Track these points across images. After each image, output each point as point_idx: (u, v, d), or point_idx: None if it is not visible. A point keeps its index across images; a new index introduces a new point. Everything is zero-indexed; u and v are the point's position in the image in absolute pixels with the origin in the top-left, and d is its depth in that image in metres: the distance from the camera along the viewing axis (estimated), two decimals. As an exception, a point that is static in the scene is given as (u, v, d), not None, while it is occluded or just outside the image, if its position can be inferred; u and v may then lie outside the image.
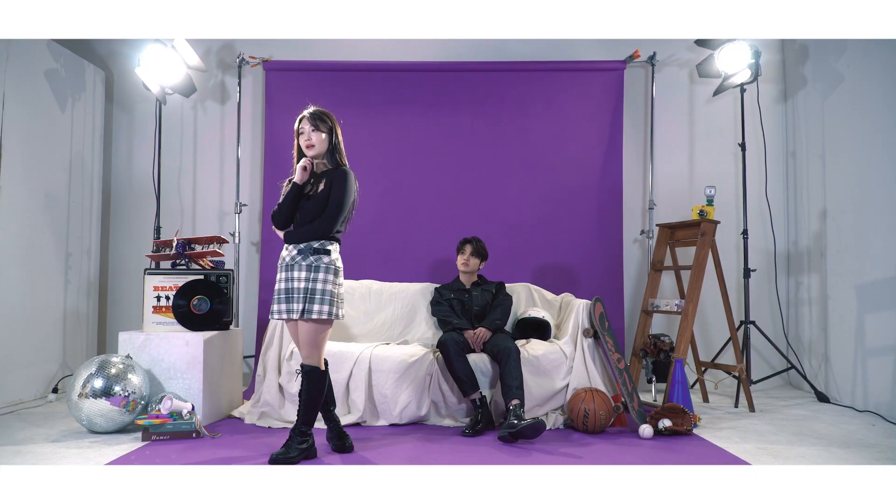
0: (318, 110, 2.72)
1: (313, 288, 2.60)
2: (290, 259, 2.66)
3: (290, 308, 2.62)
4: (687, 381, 3.46)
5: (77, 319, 4.33)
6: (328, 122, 2.72)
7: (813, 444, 3.00)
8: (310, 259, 2.63)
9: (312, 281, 2.61)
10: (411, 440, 3.05)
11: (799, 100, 4.56)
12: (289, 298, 2.63)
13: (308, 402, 2.67)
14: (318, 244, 2.65)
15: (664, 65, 4.73)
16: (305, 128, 2.70)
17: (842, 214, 4.06)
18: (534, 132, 4.60)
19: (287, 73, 4.61)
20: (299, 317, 2.60)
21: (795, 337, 4.57)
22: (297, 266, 2.64)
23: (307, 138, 2.69)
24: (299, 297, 2.61)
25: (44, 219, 4.03)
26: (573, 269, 4.51)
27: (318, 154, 2.71)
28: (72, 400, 3.06)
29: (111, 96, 4.78)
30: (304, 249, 2.65)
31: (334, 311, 2.64)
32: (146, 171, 4.63)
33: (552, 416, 3.36)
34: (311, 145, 2.68)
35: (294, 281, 2.63)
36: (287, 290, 2.64)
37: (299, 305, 2.60)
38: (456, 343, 3.33)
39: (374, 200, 4.57)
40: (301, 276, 2.62)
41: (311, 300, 2.59)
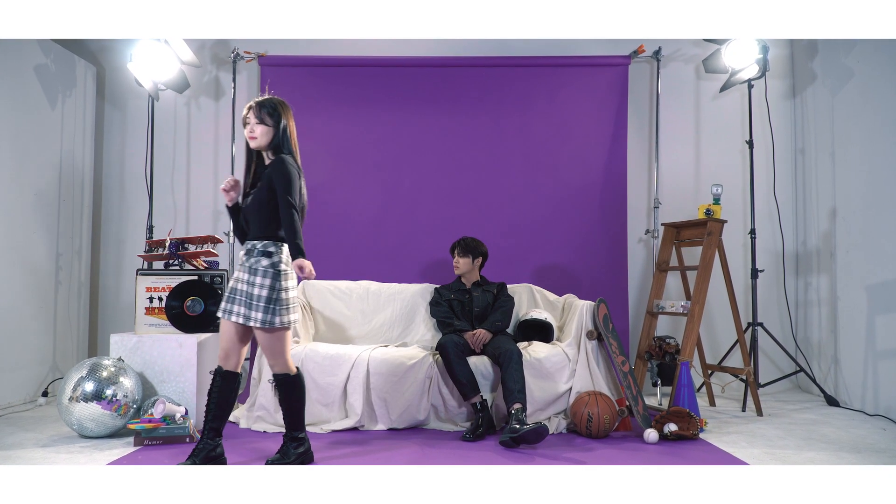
0: (267, 100, 2.61)
1: (250, 292, 2.50)
2: (241, 258, 2.59)
3: (228, 308, 2.54)
4: (693, 385, 3.46)
5: (67, 321, 4.33)
6: (277, 114, 2.59)
7: (822, 449, 3.00)
8: (251, 260, 2.54)
9: (250, 284, 2.51)
10: (410, 445, 3.04)
11: (808, 96, 4.56)
12: (230, 298, 2.55)
13: (290, 409, 2.65)
14: (261, 245, 2.55)
15: (669, 60, 4.73)
16: (251, 118, 2.59)
17: (852, 213, 4.06)
18: (536, 129, 4.60)
19: (283, 68, 4.61)
20: (240, 321, 2.52)
21: (804, 339, 4.57)
22: (242, 266, 2.57)
23: (251, 130, 2.58)
24: (241, 299, 2.52)
25: (33, 218, 4.03)
26: (576, 269, 4.51)
27: (261, 147, 2.60)
28: (62, 404, 3.06)
29: (102, 92, 4.78)
30: (251, 250, 2.56)
31: (273, 320, 2.49)
32: (138, 169, 4.62)
33: (555, 421, 3.36)
34: (253, 137, 2.58)
35: (238, 282, 2.55)
36: (231, 290, 2.57)
37: (240, 309, 2.52)
38: (456, 345, 3.33)
39: (373, 199, 4.57)
40: (244, 277, 2.54)
41: (250, 306, 2.50)
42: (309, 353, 3.41)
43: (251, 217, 2.59)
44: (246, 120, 2.60)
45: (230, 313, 2.54)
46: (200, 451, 2.57)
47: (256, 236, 2.57)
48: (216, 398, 2.60)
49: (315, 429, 3.31)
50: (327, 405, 3.36)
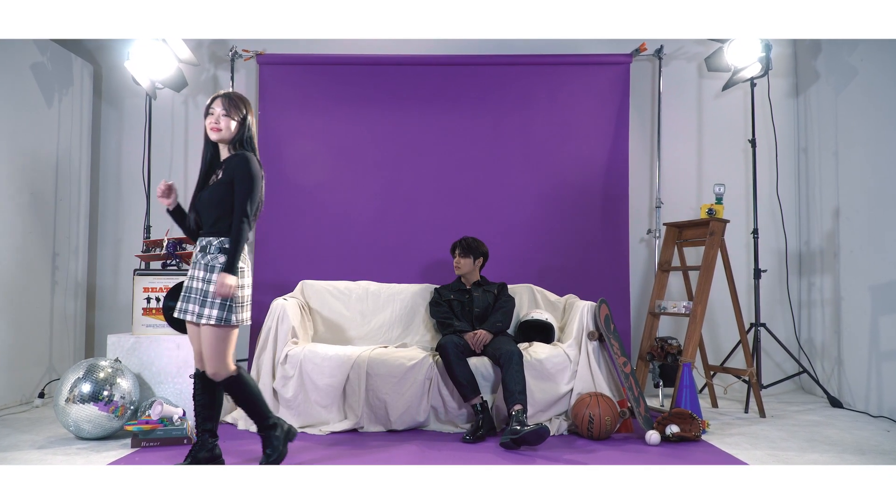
0: (235, 94, 2.59)
1: (206, 290, 2.46)
2: (194, 256, 2.55)
3: (185, 308, 2.51)
4: (695, 386, 3.46)
5: (64, 322, 4.33)
6: (243, 111, 2.57)
7: (825, 451, 3.00)
8: (208, 258, 2.49)
9: (206, 282, 2.47)
10: (410, 447, 3.05)
11: (811, 94, 4.56)
12: (185, 297, 2.52)
13: (249, 405, 2.61)
14: (218, 241, 2.50)
15: (672, 58, 4.73)
16: (216, 109, 2.53)
17: (856, 213, 4.06)
18: (536, 128, 4.60)
19: (281, 66, 4.61)
20: (194, 319, 2.48)
21: (807, 340, 4.57)
22: (197, 264, 2.52)
23: (216, 121, 2.52)
24: (196, 297, 2.48)
25: (30, 217, 4.03)
26: (577, 269, 4.51)
27: (223, 139, 2.55)
28: (59, 405, 3.06)
29: (99, 91, 4.78)
30: (206, 246, 2.51)
31: (229, 317, 2.45)
32: (136, 168, 4.62)
33: (556, 422, 3.36)
34: (217, 128, 2.52)
35: (193, 280, 2.51)
36: (186, 289, 2.54)
37: (195, 307, 2.47)
38: (456, 346, 3.33)
39: (372, 198, 4.57)
40: (199, 275, 2.50)
41: (203, 303, 2.46)
42: (308, 354, 3.40)
43: (207, 212, 2.52)
44: (210, 110, 2.54)
45: (185, 312, 2.50)
46: (198, 452, 2.58)
47: (212, 232, 2.51)
48: (200, 401, 2.60)
49: (314, 430, 3.31)
50: (326, 406, 3.36)
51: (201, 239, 2.55)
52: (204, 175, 2.61)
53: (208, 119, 2.54)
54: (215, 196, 2.51)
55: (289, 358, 3.42)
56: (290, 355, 3.42)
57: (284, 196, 4.50)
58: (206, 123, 2.55)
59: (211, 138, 2.56)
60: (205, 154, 2.62)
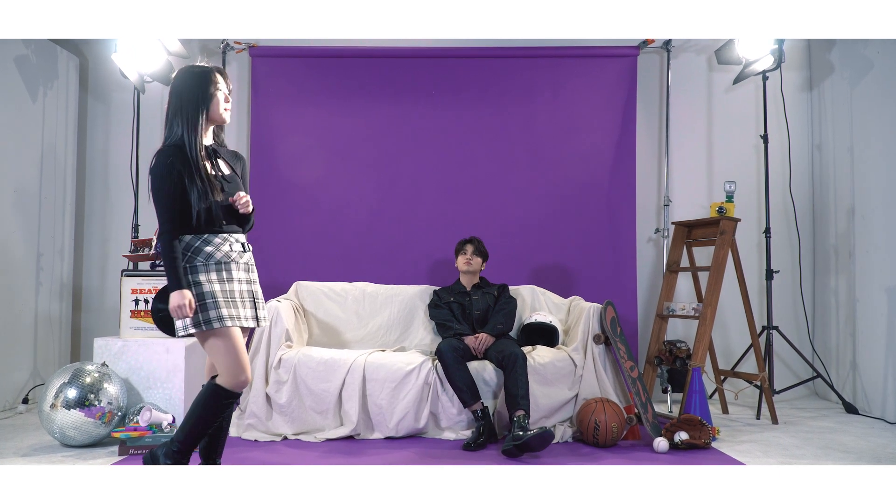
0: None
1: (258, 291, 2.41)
2: (237, 255, 2.35)
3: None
4: (705, 391, 3.47)
5: (49, 324, 4.32)
6: None
7: (840, 459, 3.00)
8: (247, 255, 2.41)
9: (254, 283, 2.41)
10: (408, 454, 3.05)
11: (825, 88, 4.56)
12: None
13: (190, 418, 2.29)
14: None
15: (680, 51, 4.73)
16: (223, 87, 2.30)
17: (872, 212, 4.06)
18: (540, 123, 4.60)
19: (275, 59, 4.61)
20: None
21: (822, 343, 4.57)
22: (239, 265, 2.37)
23: (225, 101, 2.30)
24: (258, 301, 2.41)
25: (13, 216, 4.02)
26: (582, 270, 4.51)
27: (227, 123, 2.37)
28: (43, 411, 3.06)
29: (86, 84, 4.78)
30: (245, 244, 2.42)
31: (197, 319, 2.19)
32: (123, 164, 4.62)
33: (560, 429, 3.36)
34: (228, 109, 2.31)
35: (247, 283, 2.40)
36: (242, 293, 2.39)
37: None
38: (454, 350, 3.33)
39: (369, 196, 4.57)
40: (249, 277, 2.41)
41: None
42: (302, 357, 3.41)
43: (224, 208, 2.29)
44: (216, 88, 2.27)
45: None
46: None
47: (237, 229, 2.35)
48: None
49: (309, 437, 3.32)
50: (321, 413, 3.36)
51: (238, 236, 2.33)
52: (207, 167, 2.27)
53: (222, 100, 2.28)
54: (240, 189, 2.33)
55: (282, 362, 3.42)
56: (284, 359, 3.42)
57: (278, 194, 4.50)
58: (223, 105, 2.29)
59: (220, 120, 2.31)
60: (195, 141, 2.24)
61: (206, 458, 2.42)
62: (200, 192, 2.20)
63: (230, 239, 2.30)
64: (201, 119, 2.24)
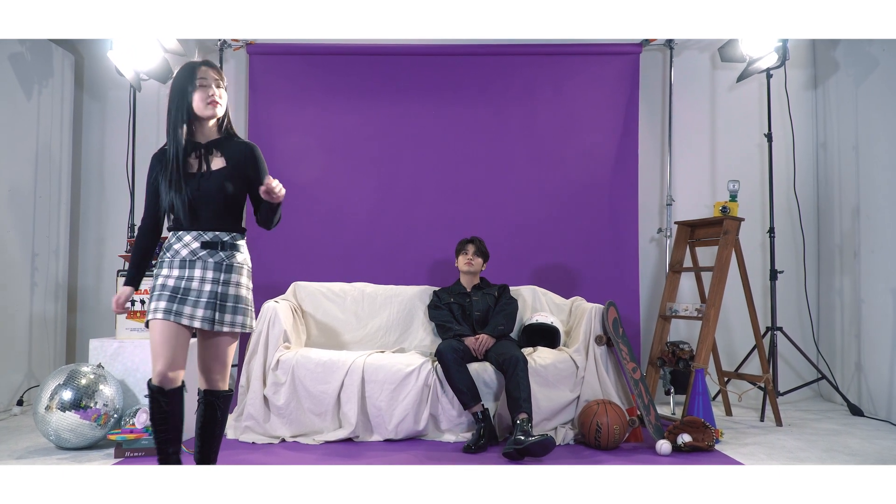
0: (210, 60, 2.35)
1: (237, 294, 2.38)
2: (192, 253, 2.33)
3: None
4: (708, 393, 3.46)
5: (44, 325, 4.32)
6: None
7: (846, 462, 3.00)
8: (220, 255, 2.34)
9: (236, 286, 2.38)
10: (408, 457, 3.04)
11: (830, 86, 4.56)
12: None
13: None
14: (229, 237, 2.35)
15: (683, 48, 4.72)
16: (210, 78, 2.25)
17: (877, 211, 4.06)
18: (541, 121, 4.60)
19: (273, 56, 4.61)
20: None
21: (826, 344, 4.56)
22: (201, 262, 2.32)
23: (212, 94, 2.24)
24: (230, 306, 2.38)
25: (7, 215, 4.02)
26: (584, 270, 4.50)
27: (218, 117, 2.31)
28: (38, 413, 3.05)
29: (81, 82, 4.78)
30: (216, 243, 2.33)
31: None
32: (119, 163, 4.61)
33: (561, 431, 3.36)
34: (217, 102, 2.26)
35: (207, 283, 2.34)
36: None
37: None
38: (454, 351, 3.32)
39: (368, 195, 4.56)
40: (219, 277, 2.34)
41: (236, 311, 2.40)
42: (300, 359, 3.40)
43: (208, 205, 2.27)
44: (204, 80, 2.24)
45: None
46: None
47: (218, 227, 2.30)
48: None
49: (307, 440, 3.31)
50: (320, 415, 3.35)
51: (202, 234, 2.29)
52: (182, 161, 2.25)
53: (203, 91, 2.24)
54: (220, 185, 2.28)
55: (280, 363, 3.41)
56: (282, 361, 3.41)
57: (276, 193, 4.49)
58: (200, 97, 2.24)
59: (206, 115, 2.27)
60: (180, 136, 2.25)
61: (200, 463, 2.44)
62: (167, 191, 2.27)
63: (189, 237, 2.28)
64: (181, 117, 2.26)
